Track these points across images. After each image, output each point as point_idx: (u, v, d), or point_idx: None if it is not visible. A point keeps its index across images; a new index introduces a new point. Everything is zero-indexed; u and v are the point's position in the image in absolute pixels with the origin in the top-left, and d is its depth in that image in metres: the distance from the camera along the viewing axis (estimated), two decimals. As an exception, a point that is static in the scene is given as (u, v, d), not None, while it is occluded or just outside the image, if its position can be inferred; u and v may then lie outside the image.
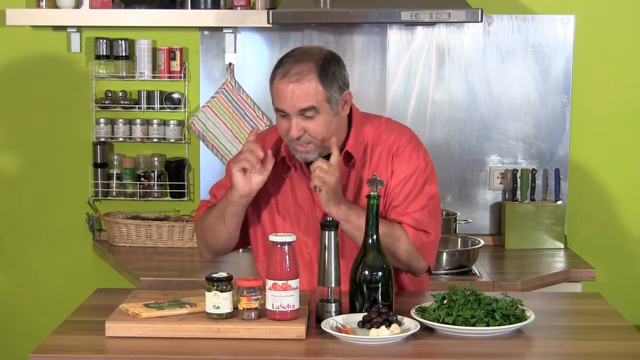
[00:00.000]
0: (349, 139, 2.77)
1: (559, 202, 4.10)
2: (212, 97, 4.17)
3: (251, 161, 2.68)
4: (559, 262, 3.90)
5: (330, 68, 2.69)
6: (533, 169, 4.12)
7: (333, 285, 2.49)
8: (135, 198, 4.22)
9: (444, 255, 3.67)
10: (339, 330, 2.38)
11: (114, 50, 4.15)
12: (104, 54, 4.14)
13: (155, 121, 4.19)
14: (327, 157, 2.73)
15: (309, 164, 2.77)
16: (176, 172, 4.20)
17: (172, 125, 4.19)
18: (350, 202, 2.71)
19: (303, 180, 2.79)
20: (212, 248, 2.91)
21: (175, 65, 4.15)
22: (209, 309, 2.43)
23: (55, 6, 4.08)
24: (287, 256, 2.42)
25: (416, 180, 2.76)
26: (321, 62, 2.68)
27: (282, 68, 2.68)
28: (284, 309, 2.40)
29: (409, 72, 4.17)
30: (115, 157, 4.22)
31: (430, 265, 2.80)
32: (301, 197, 2.80)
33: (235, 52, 4.17)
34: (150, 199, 4.23)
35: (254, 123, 4.15)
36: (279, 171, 2.81)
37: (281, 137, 2.76)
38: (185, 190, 4.21)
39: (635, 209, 4.23)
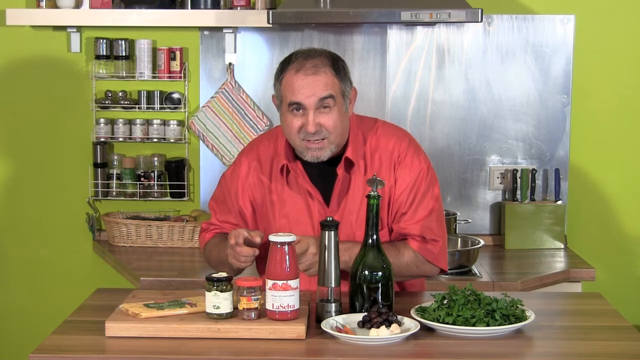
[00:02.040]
0: (348, 145, 2.76)
1: (559, 202, 4.10)
2: (212, 97, 4.17)
3: (242, 261, 2.64)
4: (559, 262, 3.90)
5: (339, 63, 2.73)
6: (533, 169, 4.12)
7: (333, 285, 2.49)
8: (135, 198, 4.22)
9: (444, 255, 3.67)
10: (339, 330, 2.38)
11: (114, 50, 4.16)
12: (104, 54, 4.14)
13: (155, 121, 4.19)
14: (326, 163, 2.73)
15: (308, 172, 2.76)
16: (176, 172, 4.20)
17: (172, 125, 4.19)
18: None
19: (302, 185, 2.78)
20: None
21: (175, 65, 4.15)
22: (209, 309, 2.43)
23: (55, 6, 4.08)
24: (287, 256, 2.42)
25: (420, 185, 2.77)
26: (331, 57, 2.72)
27: (293, 64, 2.68)
28: (284, 309, 2.40)
29: (409, 72, 4.17)
30: (115, 157, 4.22)
31: (444, 269, 2.83)
32: (299, 203, 2.79)
33: (235, 52, 4.17)
34: (150, 199, 4.23)
35: (254, 123, 4.15)
36: (276, 178, 2.81)
37: (290, 137, 2.72)
38: (185, 190, 4.21)
39: (635, 209, 4.23)
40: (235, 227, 2.82)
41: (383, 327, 2.36)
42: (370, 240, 2.52)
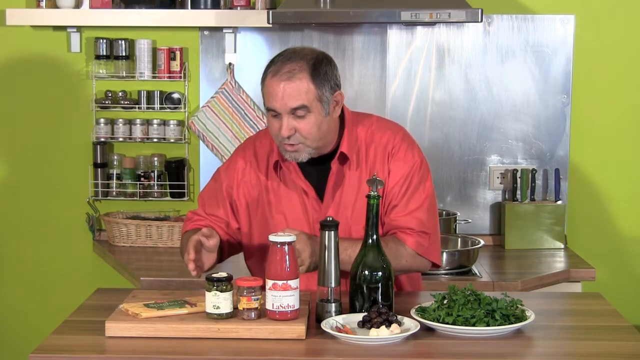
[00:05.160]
0: (342, 139, 2.77)
1: (559, 202, 4.10)
2: (212, 97, 4.17)
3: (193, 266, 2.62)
4: (559, 262, 3.90)
5: (322, 67, 2.68)
6: (533, 169, 4.12)
7: (333, 285, 2.49)
8: (135, 198, 4.23)
9: (444, 255, 3.66)
10: (339, 330, 2.38)
11: (114, 50, 4.16)
12: (104, 54, 4.14)
13: (155, 121, 4.20)
14: (320, 158, 2.74)
15: (303, 167, 2.77)
16: (176, 172, 4.20)
17: (172, 125, 4.19)
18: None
19: (297, 183, 2.79)
20: None
21: (175, 65, 4.16)
22: (209, 309, 2.43)
23: (55, 6, 4.08)
24: (287, 256, 2.42)
25: (412, 178, 2.77)
26: (313, 61, 2.67)
27: (273, 67, 2.68)
28: (284, 309, 2.40)
29: (409, 72, 4.17)
30: (115, 157, 4.22)
31: (437, 263, 2.81)
32: (296, 202, 2.79)
33: (235, 52, 4.17)
34: (150, 199, 4.23)
35: (253, 123, 4.15)
36: (272, 175, 2.81)
37: (272, 137, 2.74)
38: (185, 190, 4.21)
39: (635, 209, 4.23)
40: (223, 221, 2.83)
41: (383, 327, 2.36)
42: (370, 240, 2.52)
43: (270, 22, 3.73)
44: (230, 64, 4.17)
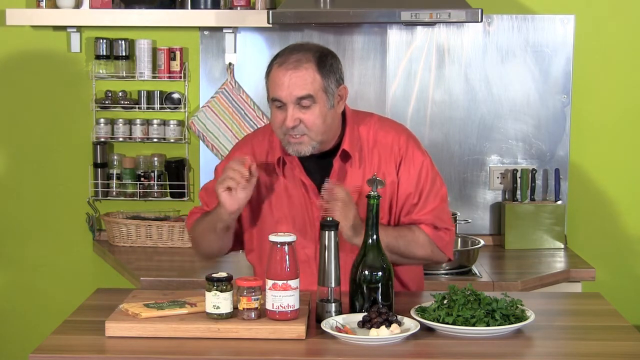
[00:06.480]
0: (344, 137, 2.77)
1: (559, 202, 4.10)
2: (212, 97, 4.17)
3: (237, 180, 2.65)
4: (559, 262, 3.90)
5: (327, 60, 2.71)
6: (533, 169, 4.12)
7: (333, 285, 2.49)
8: (135, 198, 4.22)
9: (444, 255, 3.67)
10: (339, 330, 2.38)
11: (114, 50, 4.16)
12: (104, 54, 4.14)
13: (155, 121, 4.20)
14: (322, 155, 2.74)
15: (305, 164, 2.77)
16: (176, 172, 4.20)
17: (172, 125, 4.19)
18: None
19: (299, 180, 2.79)
20: (206, 255, 2.95)
21: (175, 65, 4.16)
22: (209, 309, 2.43)
23: (55, 6, 4.08)
24: (287, 256, 2.42)
25: (426, 176, 2.81)
26: (319, 53, 2.70)
27: (279, 59, 2.69)
28: (284, 309, 2.40)
29: (409, 72, 4.17)
30: (115, 157, 4.22)
31: (450, 258, 2.89)
32: (297, 198, 2.80)
33: (235, 52, 4.17)
34: (150, 199, 4.23)
35: (254, 123, 4.15)
36: (274, 172, 2.81)
37: (274, 130, 2.74)
38: (185, 190, 4.21)
39: (635, 209, 4.23)
40: None
41: (383, 327, 2.36)
42: (370, 240, 2.52)
43: (270, 22, 3.73)
44: (230, 64, 4.17)
